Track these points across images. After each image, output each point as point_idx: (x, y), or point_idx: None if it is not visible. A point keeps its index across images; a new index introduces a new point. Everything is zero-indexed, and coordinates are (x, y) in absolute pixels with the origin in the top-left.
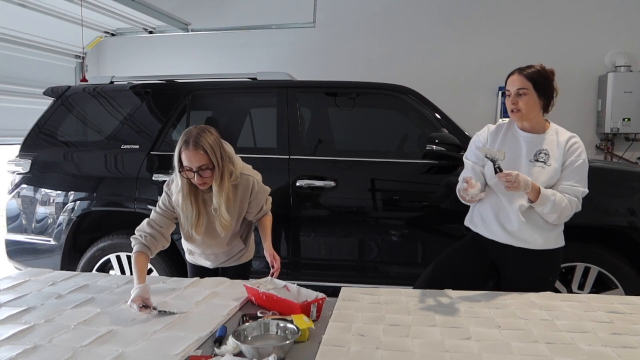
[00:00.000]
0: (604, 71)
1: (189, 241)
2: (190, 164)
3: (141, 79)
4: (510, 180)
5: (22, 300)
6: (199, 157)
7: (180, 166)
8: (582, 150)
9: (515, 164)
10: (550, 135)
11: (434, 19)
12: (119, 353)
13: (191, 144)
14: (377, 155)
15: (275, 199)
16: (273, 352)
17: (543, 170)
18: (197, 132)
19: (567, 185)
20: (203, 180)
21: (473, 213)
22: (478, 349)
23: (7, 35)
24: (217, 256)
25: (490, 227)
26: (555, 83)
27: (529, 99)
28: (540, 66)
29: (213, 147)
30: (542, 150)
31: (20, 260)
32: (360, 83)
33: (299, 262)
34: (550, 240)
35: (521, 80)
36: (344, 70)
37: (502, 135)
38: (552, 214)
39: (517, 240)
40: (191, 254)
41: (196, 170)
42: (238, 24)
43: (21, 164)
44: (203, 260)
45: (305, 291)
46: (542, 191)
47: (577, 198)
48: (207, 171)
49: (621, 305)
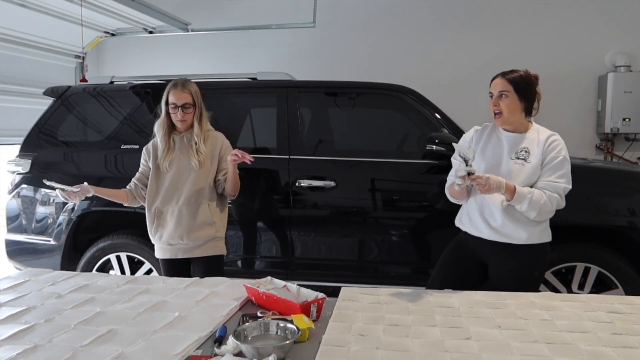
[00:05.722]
0: (604, 71)
1: (157, 190)
2: (176, 101)
3: (141, 79)
4: (481, 183)
5: (22, 300)
6: (184, 95)
7: (166, 105)
8: (562, 147)
9: (497, 161)
10: (532, 134)
11: (434, 19)
12: (119, 353)
13: (179, 85)
14: (377, 155)
15: (275, 199)
16: (273, 352)
17: (523, 167)
18: (184, 79)
19: (547, 181)
20: (184, 117)
21: (462, 213)
22: (478, 349)
23: (7, 35)
24: (183, 220)
25: (476, 224)
26: (538, 88)
27: (510, 102)
28: (524, 71)
29: (196, 91)
30: (523, 148)
31: (20, 260)
32: (360, 83)
33: (299, 262)
34: (534, 235)
35: (503, 83)
36: (344, 70)
37: (486, 135)
38: (531, 211)
39: (501, 235)
40: (158, 230)
41: (180, 106)
42: (238, 24)
43: (21, 164)
44: (170, 235)
45: (305, 291)
46: (517, 190)
47: (559, 194)
48: (189, 109)
49: (621, 305)
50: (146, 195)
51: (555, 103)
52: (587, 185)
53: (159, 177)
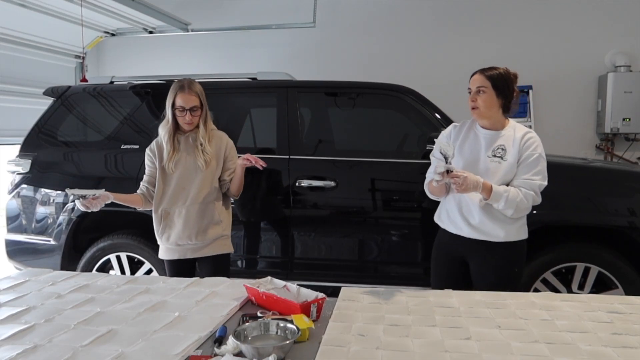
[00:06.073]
0: (604, 71)
1: (164, 192)
2: (184, 104)
3: (141, 79)
4: (458, 182)
5: (22, 300)
6: (192, 98)
7: (172, 107)
8: (537, 145)
9: (474, 158)
10: (508, 131)
11: (434, 19)
12: (119, 353)
13: (186, 88)
14: (377, 155)
15: (276, 199)
16: (273, 352)
17: (500, 165)
18: (189, 80)
19: (523, 179)
20: (192, 120)
21: (441, 209)
22: (478, 349)
23: (7, 35)
24: (191, 220)
25: (455, 221)
26: (515, 86)
27: (487, 97)
28: (504, 69)
29: (201, 92)
30: (500, 146)
31: (20, 260)
32: (360, 83)
33: (299, 262)
34: (512, 233)
35: (481, 79)
36: (344, 70)
37: (464, 132)
38: (508, 209)
39: (480, 233)
40: (165, 231)
41: (188, 109)
42: (238, 24)
43: (21, 164)
44: (178, 235)
45: (305, 291)
46: (494, 189)
47: (534, 191)
48: (197, 111)
49: (621, 305)
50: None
51: (555, 103)
52: (587, 185)
53: (165, 178)
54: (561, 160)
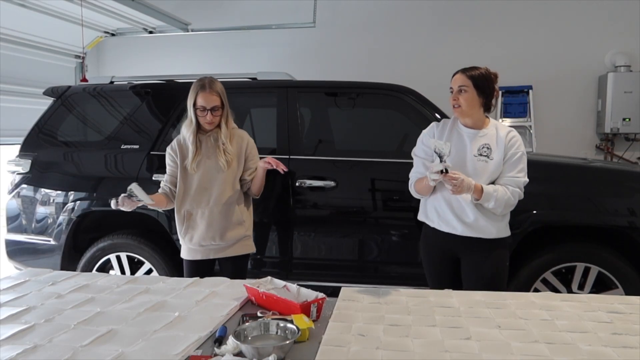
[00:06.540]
0: (604, 71)
1: (185, 192)
2: (206, 104)
3: (141, 79)
4: (456, 184)
5: (22, 300)
6: (213, 98)
7: (193, 107)
8: (520, 143)
9: (461, 159)
10: (491, 129)
11: (434, 19)
12: (119, 353)
13: (207, 87)
14: (377, 155)
15: (276, 199)
16: (273, 352)
17: (486, 164)
18: (210, 79)
19: (509, 177)
20: (213, 120)
21: (427, 207)
22: (478, 349)
23: (7, 35)
24: (214, 222)
25: (447, 220)
26: (496, 86)
27: (469, 96)
28: (485, 69)
29: (222, 91)
30: (485, 145)
31: (20, 260)
32: (360, 83)
33: (299, 262)
34: (501, 230)
35: (463, 79)
36: (344, 70)
37: (447, 131)
38: (498, 207)
39: (474, 231)
40: (188, 232)
41: (210, 109)
42: (238, 24)
43: (21, 164)
44: (201, 236)
45: (305, 291)
46: (484, 190)
47: (519, 188)
48: (218, 111)
49: (621, 305)
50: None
51: (555, 103)
52: (587, 185)
53: (186, 178)
54: (561, 160)
